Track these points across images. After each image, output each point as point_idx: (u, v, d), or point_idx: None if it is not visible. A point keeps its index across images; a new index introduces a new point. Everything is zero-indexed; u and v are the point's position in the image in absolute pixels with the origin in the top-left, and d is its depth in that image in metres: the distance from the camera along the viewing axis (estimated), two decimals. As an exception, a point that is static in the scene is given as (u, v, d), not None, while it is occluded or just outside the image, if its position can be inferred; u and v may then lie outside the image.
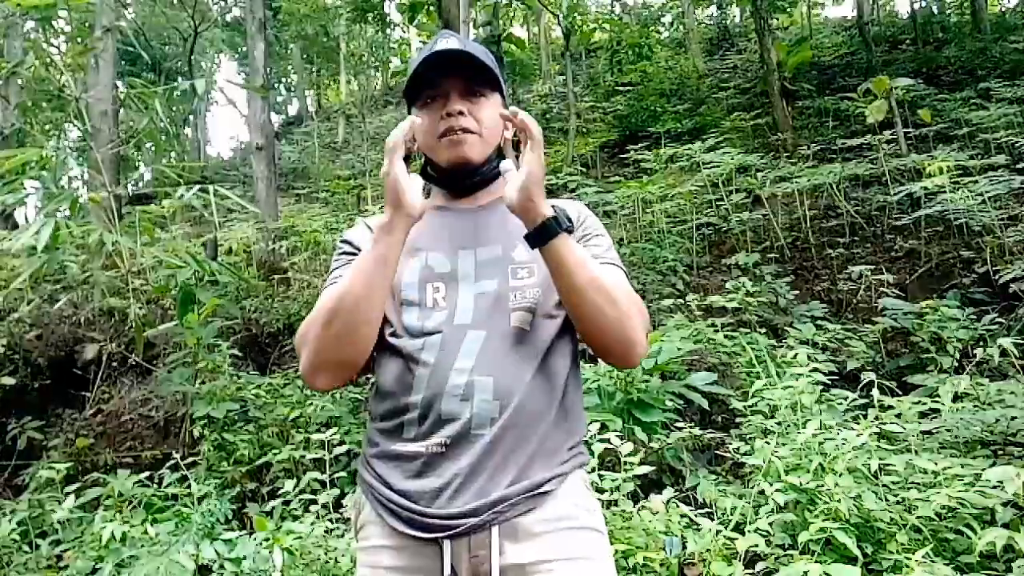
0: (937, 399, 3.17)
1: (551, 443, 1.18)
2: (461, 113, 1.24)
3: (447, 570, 1.11)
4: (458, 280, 1.23)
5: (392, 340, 1.22)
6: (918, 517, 2.28)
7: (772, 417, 3.16)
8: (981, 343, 4.05)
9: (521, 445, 1.15)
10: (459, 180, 1.31)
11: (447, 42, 1.25)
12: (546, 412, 1.18)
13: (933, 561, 2.09)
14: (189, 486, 3.28)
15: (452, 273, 1.23)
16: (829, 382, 3.44)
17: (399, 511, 1.15)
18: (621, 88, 13.11)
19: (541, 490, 1.15)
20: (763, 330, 4.73)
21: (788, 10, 15.75)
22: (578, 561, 1.15)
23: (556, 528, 1.15)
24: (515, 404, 1.14)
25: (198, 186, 3.35)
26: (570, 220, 1.15)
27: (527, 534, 1.13)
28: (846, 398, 3.18)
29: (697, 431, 3.42)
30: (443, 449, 1.14)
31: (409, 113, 1.31)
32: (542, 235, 1.11)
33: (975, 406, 3.17)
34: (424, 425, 1.15)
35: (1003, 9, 14.90)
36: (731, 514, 2.60)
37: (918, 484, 2.49)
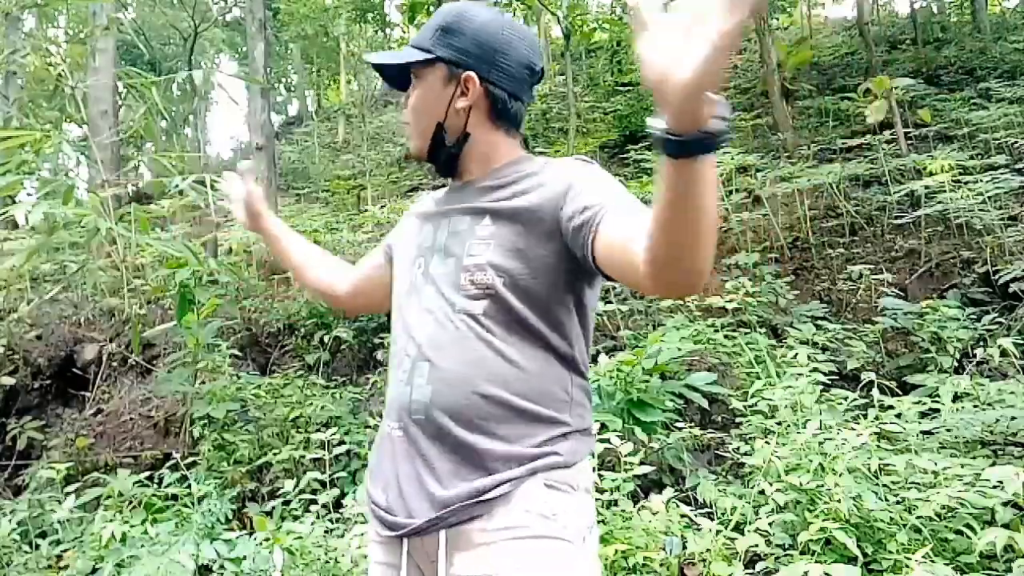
0: (937, 399, 3.17)
1: (506, 440, 1.08)
2: (406, 106, 1.26)
3: (403, 570, 1.12)
4: (432, 254, 1.21)
5: (392, 323, 1.27)
6: (918, 517, 2.28)
7: (772, 417, 3.16)
8: (981, 343, 4.04)
9: (466, 439, 1.08)
10: (437, 171, 1.30)
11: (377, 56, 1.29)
12: (496, 405, 1.08)
13: (933, 561, 2.09)
14: (189, 486, 3.28)
15: (431, 246, 1.22)
16: (829, 382, 3.44)
17: (373, 508, 1.18)
18: (621, 88, 13.10)
19: (485, 497, 1.06)
20: (763, 330, 4.73)
21: (788, 10, 15.75)
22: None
23: (501, 539, 1.06)
24: (452, 393, 1.09)
25: (194, 177, 3.33)
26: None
27: (470, 544, 1.07)
28: (846, 398, 3.18)
29: (697, 431, 3.42)
30: (399, 434, 1.14)
31: None
32: (697, 147, 0.75)
33: (975, 406, 3.17)
34: (389, 409, 1.19)
35: (1003, 9, 14.89)
36: (731, 514, 2.60)
37: (918, 484, 2.49)
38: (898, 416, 2.86)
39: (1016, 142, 6.44)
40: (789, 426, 2.96)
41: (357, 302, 1.50)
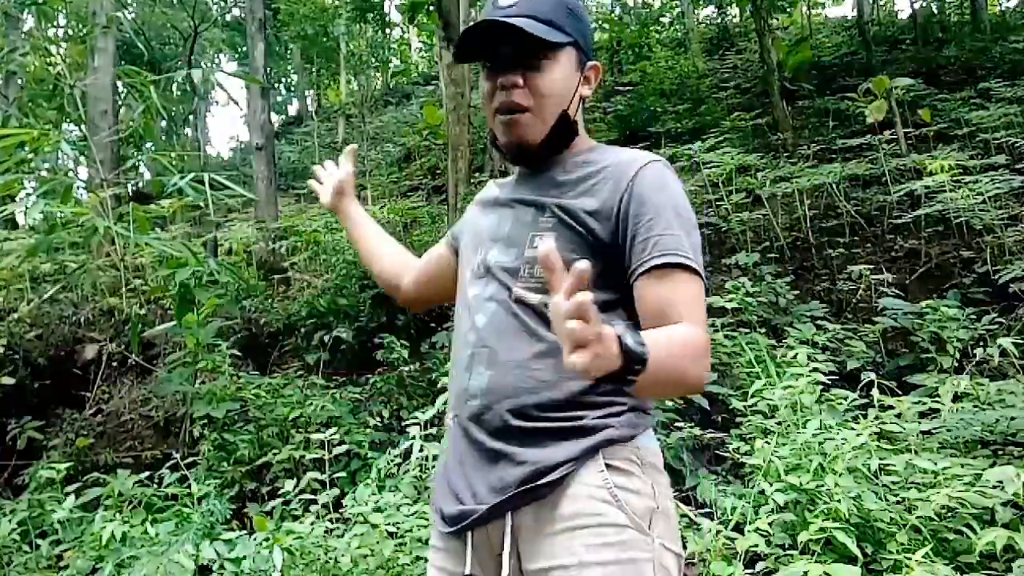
0: (937, 399, 3.17)
1: (561, 421, 1.07)
2: (516, 85, 1.11)
3: (468, 562, 1.09)
4: (495, 243, 1.19)
5: (455, 310, 1.25)
6: (918, 517, 2.28)
7: (772, 417, 3.16)
8: (981, 343, 4.04)
9: (522, 426, 1.08)
10: (520, 160, 1.20)
11: None
12: (553, 381, 1.07)
13: (933, 561, 2.09)
14: (189, 486, 3.28)
15: (494, 236, 1.20)
16: (829, 382, 3.43)
17: (438, 506, 1.16)
18: (621, 88, 13.10)
19: (546, 480, 1.04)
20: (763, 330, 4.73)
21: (788, 10, 15.74)
22: (591, 567, 1.01)
23: (564, 528, 1.04)
24: (509, 381, 1.09)
25: (192, 175, 3.33)
26: (641, 344, 0.87)
27: (535, 535, 1.06)
28: (846, 398, 3.18)
29: (697, 431, 3.42)
30: (458, 423, 1.14)
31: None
32: (621, 382, 0.87)
33: (975, 406, 3.16)
34: (453, 396, 1.18)
35: (1003, 9, 14.89)
36: (731, 514, 2.60)
37: (918, 484, 2.49)
38: (898, 416, 2.86)
39: (1016, 142, 6.44)
40: (789, 426, 2.96)
41: (420, 294, 1.48)
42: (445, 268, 1.40)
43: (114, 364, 5.28)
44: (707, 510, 2.85)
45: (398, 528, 2.65)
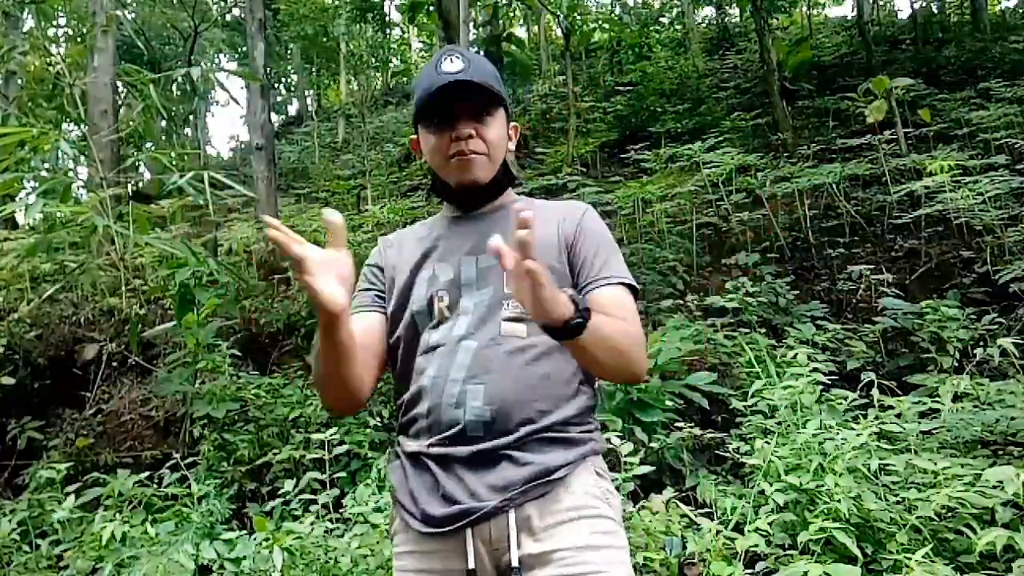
0: (937, 399, 3.17)
1: (558, 435, 1.21)
2: (471, 136, 1.27)
3: (471, 557, 1.15)
4: (460, 288, 1.28)
5: (405, 357, 1.29)
6: (918, 517, 2.28)
7: (772, 417, 3.16)
8: (981, 343, 4.04)
9: (523, 441, 1.19)
10: (468, 199, 1.36)
11: (451, 63, 1.26)
12: (550, 411, 1.21)
13: (933, 561, 2.09)
14: (189, 486, 3.28)
15: (455, 281, 1.28)
16: (829, 382, 3.44)
17: (416, 513, 1.20)
18: (621, 88, 13.09)
19: (552, 477, 1.17)
20: (763, 330, 4.73)
21: (788, 10, 15.74)
22: (596, 550, 1.16)
23: (568, 518, 1.17)
24: (510, 408, 1.18)
25: (192, 174, 3.33)
26: (586, 307, 1.06)
27: (538, 527, 1.17)
28: (846, 398, 3.18)
29: (697, 431, 3.42)
30: (446, 451, 1.20)
31: (416, 129, 1.35)
32: (565, 334, 1.05)
33: (975, 406, 3.16)
34: (431, 433, 1.22)
35: (1003, 9, 14.90)
36: (731, 514, 2.60)
37: (918, 484, 2.49)
38: (898, 416, 2.86)
39: (1016, 142, 6.44)
40: (789, 426, 2.96)
41: (374, 383, 1.30)
42: (381, 336, 1.32)
43: (114, 364, 5.28)
44: (707, 510, 2.85)
45: (398, 528, 2.65)
